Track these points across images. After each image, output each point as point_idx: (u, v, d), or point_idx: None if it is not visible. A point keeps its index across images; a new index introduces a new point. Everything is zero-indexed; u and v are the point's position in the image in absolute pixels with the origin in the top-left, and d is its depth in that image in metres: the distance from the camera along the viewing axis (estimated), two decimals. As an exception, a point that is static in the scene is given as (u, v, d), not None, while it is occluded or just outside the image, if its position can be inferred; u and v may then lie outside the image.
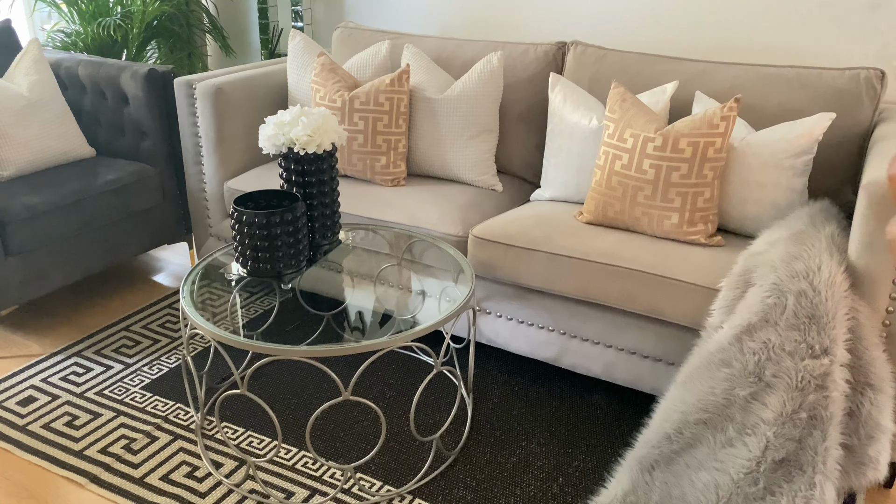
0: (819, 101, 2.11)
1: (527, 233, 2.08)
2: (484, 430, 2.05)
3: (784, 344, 1.49)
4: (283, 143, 1.92)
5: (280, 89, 2.81)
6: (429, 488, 1.83)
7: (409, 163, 2.58)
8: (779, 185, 1.99)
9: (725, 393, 1.51)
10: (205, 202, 2.71)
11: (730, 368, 1.53)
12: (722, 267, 1.87)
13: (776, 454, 1.44)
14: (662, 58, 2.35)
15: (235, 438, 2.01)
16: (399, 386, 2.23)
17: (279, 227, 1.84)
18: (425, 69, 2.54)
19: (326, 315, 2.50)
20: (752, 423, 1.47)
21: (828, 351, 1.47)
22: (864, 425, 1.54)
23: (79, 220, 2.51)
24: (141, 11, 3.30)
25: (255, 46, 3.70)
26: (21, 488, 1.82)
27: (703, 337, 1.69)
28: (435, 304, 2.13)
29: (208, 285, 1.99)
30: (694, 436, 1.53)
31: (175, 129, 2.79)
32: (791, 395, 1.45)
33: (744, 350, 1.53)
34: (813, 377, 1.46)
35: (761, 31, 2.50)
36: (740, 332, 1.55)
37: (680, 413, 1.55)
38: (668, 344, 1.96)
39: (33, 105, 2.58)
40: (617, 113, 2.11)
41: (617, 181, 2.07)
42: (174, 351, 2.42)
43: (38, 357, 2.38)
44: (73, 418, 2.08)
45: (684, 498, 1.49)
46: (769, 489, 1.43)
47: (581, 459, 1.94)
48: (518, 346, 2.21)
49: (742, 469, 1.45)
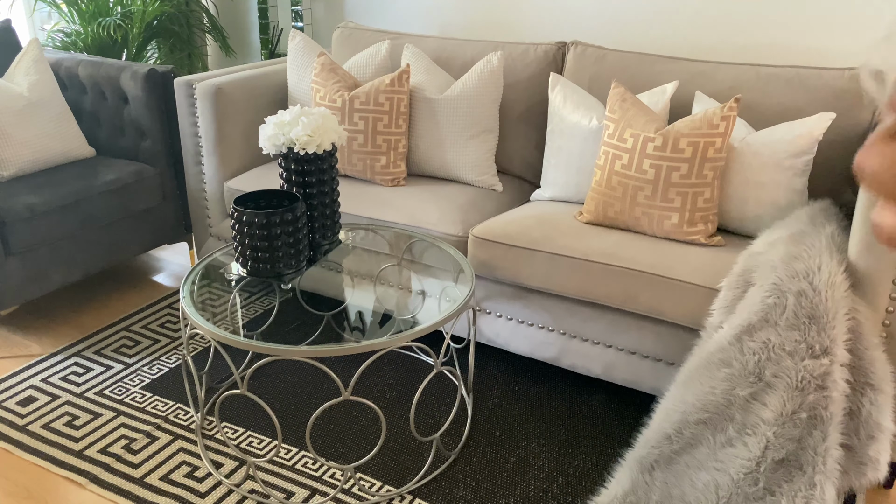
0: (819, 101, 2.11)
1: (527, 233, 2.08)
2: (484, 430, 2.05)
3: (784, 344, 1.49)
4: (283, 143, 1.92)
5: (280, 89, 2.81)
6: (429, 488, 1.83)
7: (409, 163, 2.58)
8: (779, 185, 1.99)
9: (725, 393, 1.51)
10: (205, 202, 2.71)
11: (730, 368, 1.53)
12: (722, 267, 1.87)
13: (776, 454, 1.44)
14: (662, 58, 2.35)
15: (235, 438, 2.01)
16: (399, 386, 2.23)
17: (279, 227, 1.84)
18: (425, 69, 2.54)
19: (326, 315, 2.50)
20: (752, 423, 1.47)
21: (828, 351, 1.47)
22: (864, 425, 1.54)
23: (79, 220, 2.51)
24: (141, 11, 3.29)
25: (255, 46, 3.70)
26: (21, 488, 1.82)
27: (703, 337, 1.69)
28: (435, 304, 2.13)
29: (208, 285, 1.99)
30: (694, 436, 1.53)
31: (175, 129, 2.79)
32: (791, 395, 1.45)
33: (744, 350, 1.53)
34: (813, 377, 1.46)
35: (761, 31, 2.50)
36: (740, 332, 1.55)
37: (680, 413, 1.55)
38: (668, 344, 1.96)
39: (33, 105, 2.58)
40: (617, 113, 2.11)
41: (617, 181, 2.07)
42: (174, 351, 2.42)
43: (38, 357, 2.38)
44: (73, 418, 2.08)
45: (684, 498, 1.49)
46: (769, 489, 1.43)
47: (581, 459, 1.94)
48: (518, 346, 2.21)
49: (742, 469, 1.45)
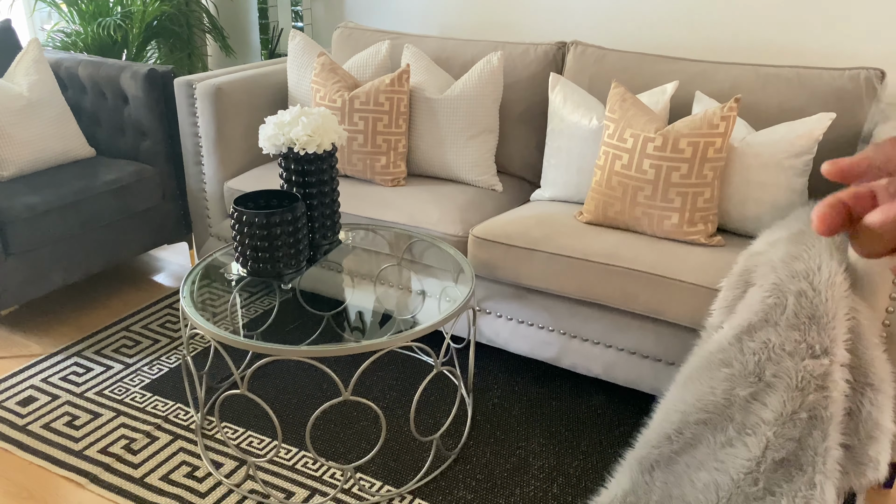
0: (819, 101, 2.11)
1: (527, 233, 2.08)
2: (484, 430, 2.05)
3: (784, 344, 1.49)
4: (283, 143, 1.92)
5: (280, 89, 2.81)
6: (429, 488, 1.83)
7: (409, 163, 2.58)
8: (779, 185, 1.99)
9: (725, 393, 1.51)
10: (205, 202, 2.71)
11: (730, 368, 1.53)
12: (722, 267, 1.87)
13: (776, 454, 1.44)
14: (662, 58, 2.35)
15: (235, 438, 2.01)
16: (399, 386, 2.23)
17: (279, 227, 1.84)
18: (425, 69, 2.54)
19: (326, 315, 2.50)
20: (752, 423, 1.47)
21: (828, 351, 1.47)
22: (864, 425, 1.54)
23: (79, 220, 2.51)
24: (141, 11, 3.29)
25: (255, 46, 3.70)
26: (21, 488, 1.82)
27: (703, 337, 1.69)
28: (435, 304, 2.13)
29: (208, 285, 1.99)
30: (694, 436, 1.53)
31: (175, 129, 2.79)
32: (791, 395, 1.45)
33: (744, 350, 1.53)
34: (813, 377, 1.46)
35: (761, 31, 2.50)
36: (740, 332, 1.55)
37: (680, 413, 1.55)
38: (668, 344, 1.96)
39: (33, 105, 2.58)
40: (617, 113, 2.11)
41: (617, 181, 2.07)
42: (174, 351, 2.41)
43: (38, 357, 2.38)
44: (73, 418, 2.08)
45: (684, 498, 1.49)
46: (769, 489, 1.43)
47: (581, 459, 1.94)
48: (518, 346, 2.21)
49: (742, 469, 1.45)
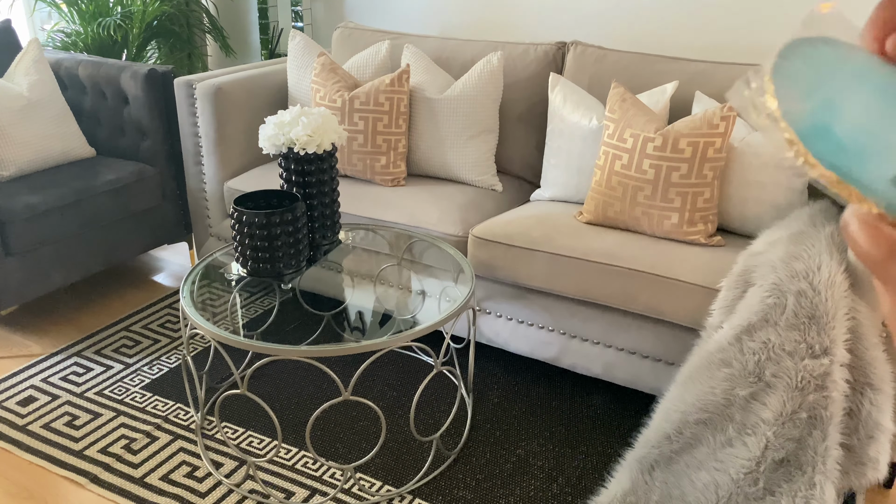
0: (819, 101, 2.11)
1: (527, 233, 2.08)
2: (484, 430, 2.05)
3: (784, 344, 1.49)
4: (283, 143, 1.92)
5: (280, 89, 2.81)
6: (429, 488, 1.83)
7: (409, 163, 2.58)
8: (779, 185, 1.99)
9: (725, 393, 1.51)
10: (205, 202, 2.71)
11: (730, 368, 1.53)
12: (722, 267, 1.87)
13: (776, 454, 1.44)
14: (662, 58, 2.35)
15: (235, 438, 2.01)
16: (399, 386, 2.23)
17: (279, 227, 1.84)
18: (425, 69, 2.54)
19: (326, 315, 2.50)
20: (751, 423, 1.47)
21: (828, 351, 1.47)
22: (864, 425, 1.54)
23: (79, 220, 2.51)
24: (141, 11, 3.29)
25: (255, 46, 3.70)
26: (21, 488, 1.82)
27: (702, 337, 1.69)
28: (435, 304, 2.13)
29: (208, 285, 1.99)
30: (694, 436, 1.53)
31: (175, 129, 2.79)
32: (791, 395, 1.45)
33: (744, 350, 1.52)
34: (813, 377, 1.45)
35: (761, 31, 2.50)
36: (740, 332, 1.55)
37: (680, 413, 1.55)
38: (668, 344, 1.96)
39: (33, 105, 2.58)
40: (617, 113, 2.11)
41: (617, 181, 2.07)
42: (174, 351, 2.41)
43: (38, 357, 2.38)
44: (73, 418, 2.08)
45: (684, 498, 1.49)
46: (769, 489, 1.43)
47: (581, 459, 1.94)
48: (518, 346, 2.21)
49: (742, 469, 1.45)
